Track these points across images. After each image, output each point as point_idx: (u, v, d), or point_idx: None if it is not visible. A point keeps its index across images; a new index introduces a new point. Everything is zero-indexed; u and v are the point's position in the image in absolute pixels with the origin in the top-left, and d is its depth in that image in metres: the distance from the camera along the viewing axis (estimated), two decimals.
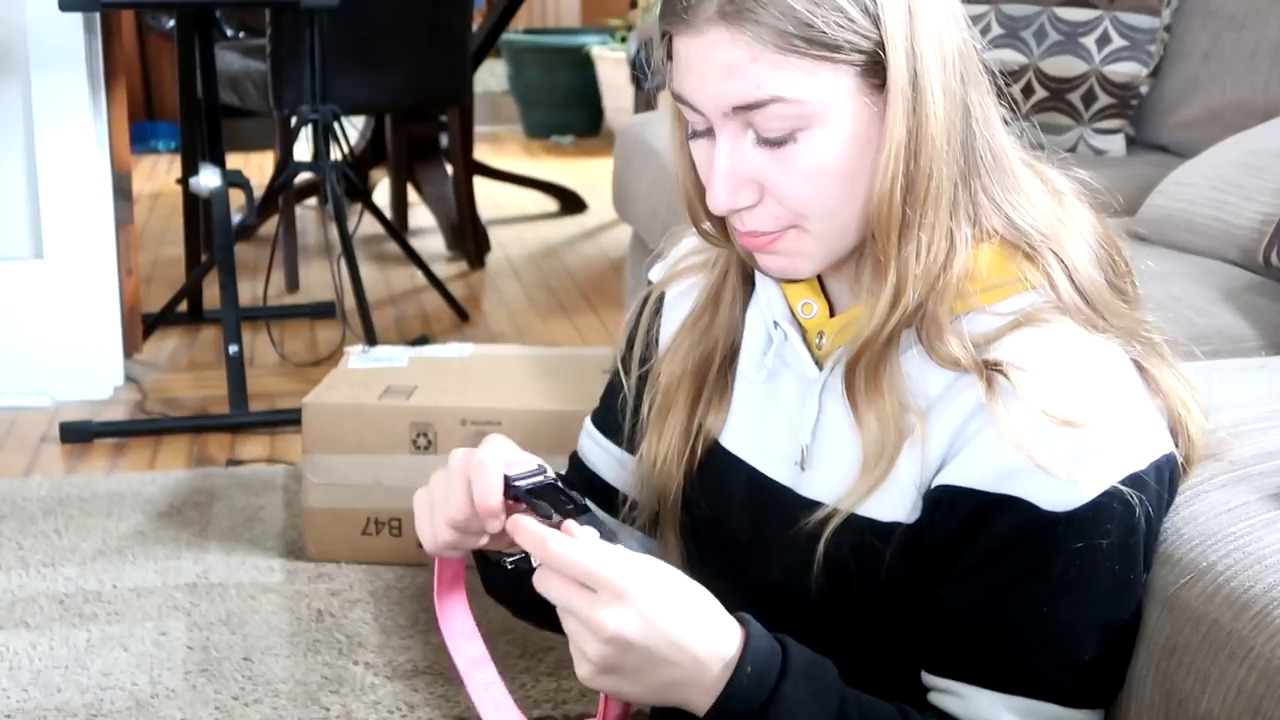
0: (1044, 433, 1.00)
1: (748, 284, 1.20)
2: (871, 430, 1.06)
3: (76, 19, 3.00)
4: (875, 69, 1.02)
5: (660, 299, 1.28)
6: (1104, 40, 2.63)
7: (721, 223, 1.14)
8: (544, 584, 0.97)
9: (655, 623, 0.95)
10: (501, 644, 1.99)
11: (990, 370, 1.02)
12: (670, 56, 1.07)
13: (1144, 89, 2.65)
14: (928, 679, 1.07)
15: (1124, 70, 2.62)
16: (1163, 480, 1.05)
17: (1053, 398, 1.00)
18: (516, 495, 1.04)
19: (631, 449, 1.28)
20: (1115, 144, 2.66)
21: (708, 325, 1.20)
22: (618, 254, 4.32)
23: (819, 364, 1.13)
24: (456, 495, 1.06)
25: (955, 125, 1.04)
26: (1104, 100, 2.64)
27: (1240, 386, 1.33)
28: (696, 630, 0.97)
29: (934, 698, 1.07)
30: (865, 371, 1.07)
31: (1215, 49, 2.57)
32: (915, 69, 1.02)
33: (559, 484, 1.05)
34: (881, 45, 1.01)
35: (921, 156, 1.03)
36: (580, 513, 1.02)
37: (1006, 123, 1.11)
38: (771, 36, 1.00)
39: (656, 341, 1.27)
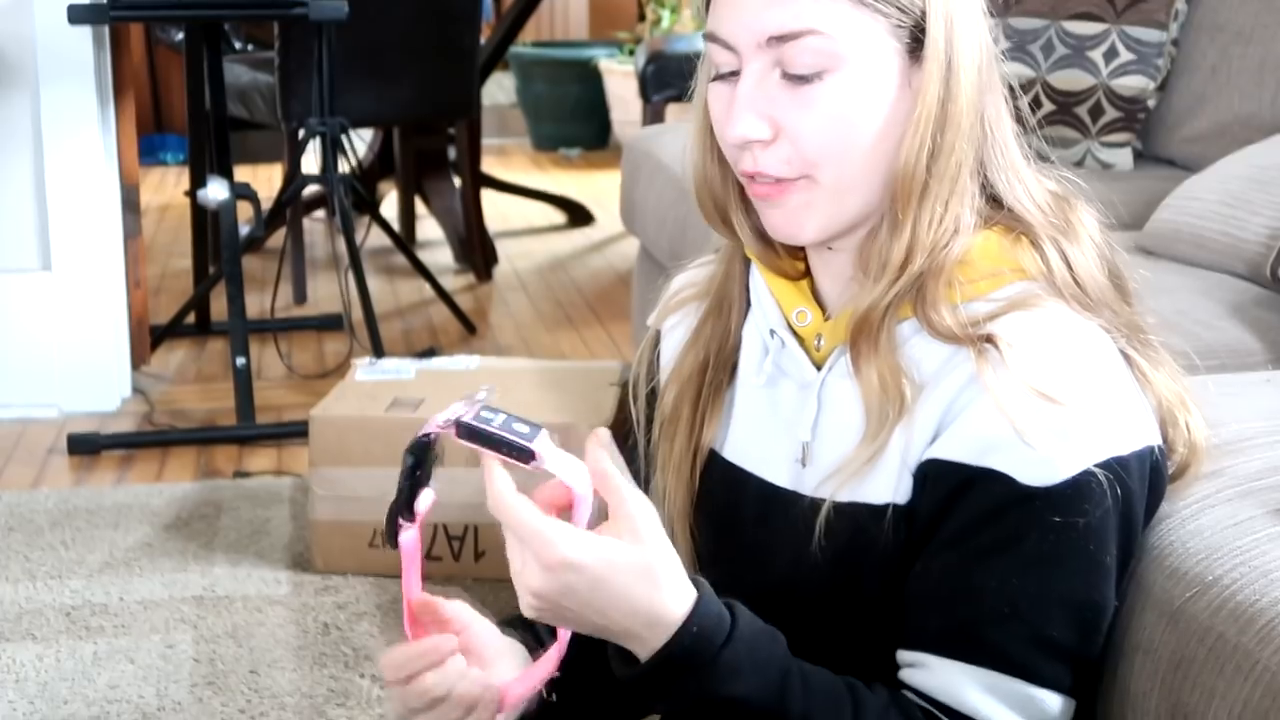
0: (1028, 406, 1.01)
1: (744, 297, 1.21)
2: (874, 392, 1.07)
3: (85, 32, 3.01)
4: (913, 40, 1.05)
5: (657, 337, 1.29)
6: (1111, 54, 2.63)
7: (737, 203, 1.14)
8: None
9: (588, 600, 0.95)
10: None
11: (982, 342, 1.04)
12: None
13: (1151, 103, 2.65)
14: (899, 655, 1.07)
15: (1131, 84, 2.62)
16: (1145, 470, 1.05)
17: (1039, 374, 1.01)
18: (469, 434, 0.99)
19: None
20: (1122, 158, 2.66)
21: (705, 336, 1.21)
22: (625, 267, 4.32)
23: (818, 366, 1.14)
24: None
25: (976, 114, 1.07)
26: (1111, 114, 2.64)
27: (1247, 401, 1.33)
28: (636, 603, 0.96)
29: (902, 674, 1.06)
30: (868, 338, 1.08)
31: (1223, 63, 2.57)
32: (951, 47, 1.05)
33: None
34: (924, 15, 1.04)
35: (948, 129, 1.05)
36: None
37: (1022, 131, 1.14)
38: None
39: (659, 374, 1.27)
